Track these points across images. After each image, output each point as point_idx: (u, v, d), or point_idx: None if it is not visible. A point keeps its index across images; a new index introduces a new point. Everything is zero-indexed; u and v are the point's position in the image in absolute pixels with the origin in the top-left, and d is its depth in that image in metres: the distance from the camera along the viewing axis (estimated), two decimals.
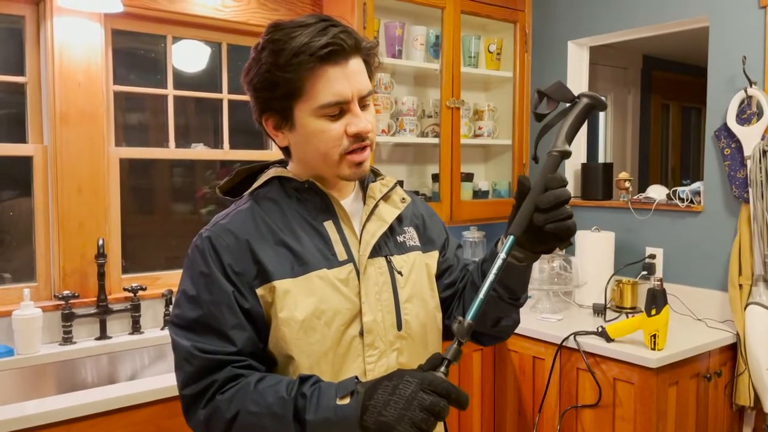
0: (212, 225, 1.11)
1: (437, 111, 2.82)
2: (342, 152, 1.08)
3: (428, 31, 2.80)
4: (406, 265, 1.18)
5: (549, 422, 2.37)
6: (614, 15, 2.83)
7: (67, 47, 2.16)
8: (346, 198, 1.18)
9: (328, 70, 1.05)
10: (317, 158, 1.10)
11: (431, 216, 1.31)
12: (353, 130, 1.07)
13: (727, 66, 2.45)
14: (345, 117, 1.07)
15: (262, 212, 1.11)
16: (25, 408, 1.63)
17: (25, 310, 2.03)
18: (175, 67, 2.51)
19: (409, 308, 1.16)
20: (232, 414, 0.99)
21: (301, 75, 1.04)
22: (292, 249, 1.08)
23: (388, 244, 1.17)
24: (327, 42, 1.03)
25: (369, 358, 1.10)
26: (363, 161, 1.11)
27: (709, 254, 2.54)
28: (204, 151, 2.59)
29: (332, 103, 1.05)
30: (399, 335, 1.14)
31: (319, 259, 1.09)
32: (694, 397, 2.25)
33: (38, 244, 2.20)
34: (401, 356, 1.14)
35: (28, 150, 2.18)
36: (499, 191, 3.15)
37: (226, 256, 1.05)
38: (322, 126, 1.07)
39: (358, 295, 1.10)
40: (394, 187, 1.22)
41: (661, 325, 2.11)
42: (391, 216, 1.18)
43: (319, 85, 1.05)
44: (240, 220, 1.10)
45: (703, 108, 5.14)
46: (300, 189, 1.13)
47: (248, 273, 1.06)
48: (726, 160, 2.44)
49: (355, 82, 1.07)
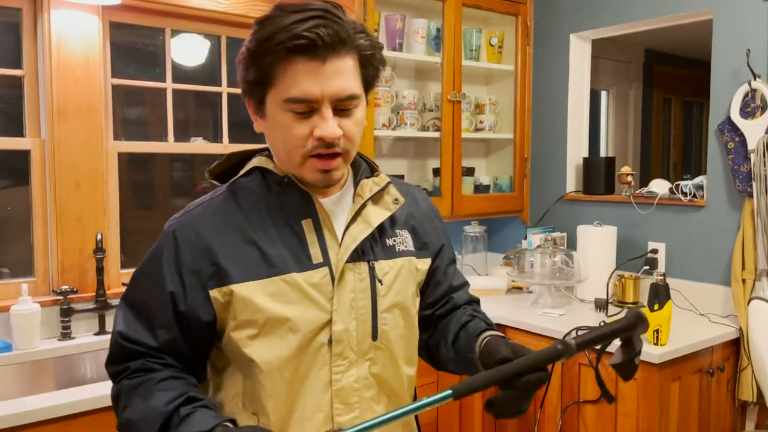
0: (182, 214, 1.09)
1: (438, 105, 2.80)
2: (305, 154, 1.01)
3: (429, 24, 2.78)
4: (392, 271, 1.10)
5: (551, 418, 2.36)
6: (617, 8, 2.80)
7: (65, 40, 2.14)
8: (332, 196, 1.10)
9: (299, 65, 0.97)
10: (283, 154, 1.05)
11: (432, 219, 1.22)
12: (317, 133, 0.99)
13: (730, 59, 2.43)
14: (314, 118, 0.99)
15: (237, 206, 1.06)
16: (24, 404, 1.62)
17: (24, 305, 2.02)
18: (174, 61, 2.49)
19: (389, 318, 1.09)
20: (127, 402, 1.01)
21: (270, 63, 0.98)
22: (261, 249, 1.03)
23: (375, 248, 1.10)
24: (298, 34, 0.95)
25: (336, 368, 1.05)
26: (330, 170, 1.02)
27: (712, 249, 2.52)
28: (203, 145, 2.57)
29: (297, 99, 0.98)
30: (374, 345, 1.08)
31: (289, 261, 1.03)
32: (696, 392, 2.24)
33: (36, 238, 2.18)
34: (374, 366, 1.09)
35: (26, 144, 2.16)
36: (501, 186, 3.13)
37: (185, 253, 1.03)
38: (287, 122, 1.00)
39: (330, 302, 1.04)
40: (386, 186, 1.12)
41: (663, 320, 2.09)
42: (378, 219, 1.09)
43: (287, 78, 0.98)
44: (209, 213, 1.06)
45: (705, 102, 5.13)
46: (280, 183, 1.07)
47: (204, 273, 1.02)
48: (729, 154, 2.42)
49: (329, 83, 0.97)
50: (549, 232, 2.92)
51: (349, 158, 1.06)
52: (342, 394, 1.06)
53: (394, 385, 1.12)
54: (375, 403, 1.09)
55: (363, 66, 1.03)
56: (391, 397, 1.12)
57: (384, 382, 1.10)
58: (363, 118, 1.05)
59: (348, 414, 1.06)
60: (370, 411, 1.08)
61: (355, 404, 1.07)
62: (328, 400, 1.05)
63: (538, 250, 2.71)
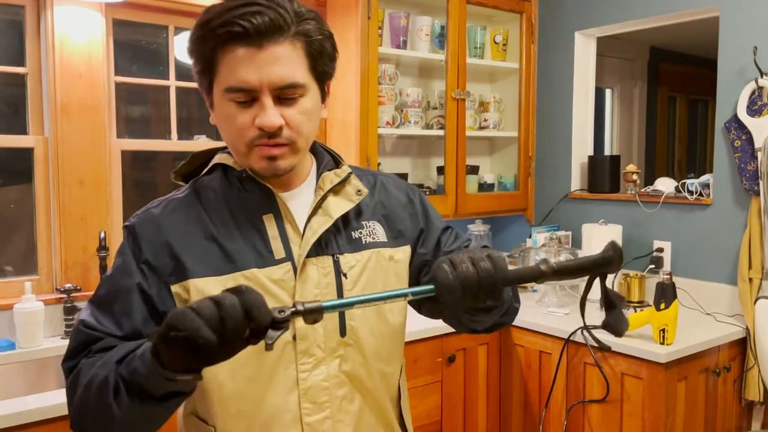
0: (143, 211, 1.06)
1: (442, 102, 2.79)
2: (248, 143, 0.98)
3: (433, 22, 2.76)
4: (358, 265, 1.06)
5: (556, 417, 2.35)
6: (622, 5, 2.79)
7: (68, 38, 2.13)
8: (293, 189, 1.07)
9: (237, 51, 0.94)
10: (230, 145, 1.03)
11: (406, 205, 1.16)
12: (257, 122, 0.96)
13: (737, 56, 2.41)
14: (255, 106, 0.96)
15: (199, 203, 1.04)
16: (27, 402, 1.62)
17: (27, 304, 2.01)
18: (177, 58, 2.48)
19: (356, 313, 1.05)
20: (84, 379, 0.92)
21: (210, 51, 0.96)
22: (221, 246, 1.01)
23: (339, 241, 1.06)
24: (230, 20, 0.93)
25: (302, 366, 1.01)
26: (274, 156, 0.98)
27: (718, 248, 2.50)
28: (206, 143, 2.56)
29: (235, 88, 0.95)
30: (342, 342, 1.04)
31: (249, 257, 1.01)
32: (703, 392, 2.22)
33: (39, 236, 2.18)
34: (345, 364, 1.04)
35: (29, 141, 2.15)
36: (505, 184, 3.12)
37: (145, 248, 1.01)
38: (230, 112, 0.98)
39: (292, 298, 1.01)
40: (347, 177, 1.09)
41: (670, 319, 2.08)
42: (339, 210, 1.06)
43: (226, 66, 0.95)
44: (170, 210, 1.04)
45: (710, 100, 5.11)
46: (241, 179, 1.04)
47: (164, 268, 1.00)
48: (736, 152, 2.41)
49: (266, 71, 0.94)
50: (554, 231, 2.91)
51: (298, 149, 1.01)
52: (310, 393, 1.02)
53: (368, 383, 1.07)
54: (348, 402, 1.05)
55: (310, 55, 0.99)
56: (366, 395, 1.08)
57: (356, 380, 1.06)
58: (312, 108, 1.01)
59: (318, 414, 1.03)
60: (342, 411, 1.04)
61: (325, 404, 1.03)
62: (296, 399, 1.02)
63: (543, 248, 2.70)
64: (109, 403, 0.88)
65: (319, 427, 1.02)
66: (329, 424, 1.03)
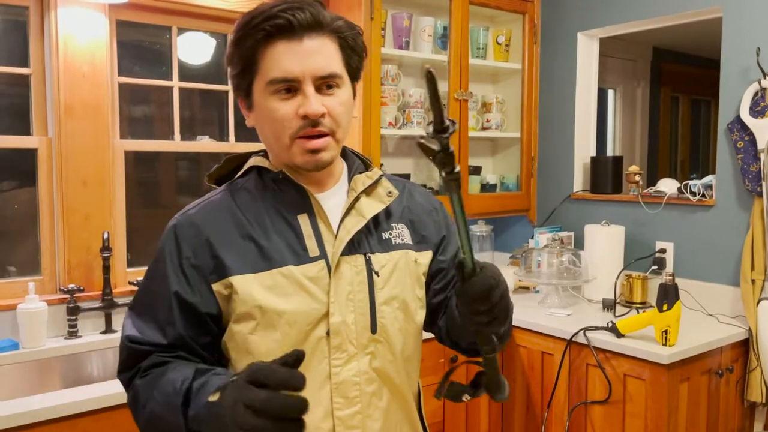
0: (181, 214, 1.10)
1: (445, 103, 2.79)
2: (292, 135, 1.03)
3: (436, 23, 2.77)
4: (389, 264, 1.11)
5: (558, 418, 2.35)
6: (625, 6, 2.79)
7: (72, 38, 2.13)
8: (327, 191, 1.12)
9: (278, 46, 1.01)
10: (272, 141, 1.07)
11: (431, 212, 1.22)
12: (301, 111, 1.01)
13: (740, 57, 2.41)
14: (298, 97, 1.02)
15: (235, 204, 1.08)
16: (31, 402, 1.62)
17: (30, 304, 2.02)
18: (180, 59, 2.49)
19: (387, 311, 1.09)
20: (144, 399, 0.99)
21: (251, 48, 1.02)
22: (258, 244, 1.04)
23: (370, 241, 1.10)
24: (274, 15, 1.00)
25: (335, 361, 1.05)
26: (317, 149, 1.03)
27: (721, 249, 2.50)
28: (209, 143, 2.56)
29: (279, 80, 1.01)
30: (373, 338, 1.08)
31: (286, 255, 1.04)
32: (705, 393, 2.22)
33: (43, 237, 2.18)
34: (375, 361, 1.08)
35: (33, 142, 2.16)
36: (507, 185, 3.12)
37: (185, 249, 1.04)
38: (272, 104, 1.02)
39: (327, 294, 1.05)
40: (379, 179, 1.14)
41: (672, 320, 2.08)
42: (371, 211, 1.11)
43: (268, 61, 1.01)
44: (207, 211, 1.08)
45: (713, 101, 5.11)
46: (276, 180, 1.09)
47: (205, 267, 1.03)
48: (739, 153, 2.41)
49: (308, 61, 1.00)
50: (556, 232, 2.91)
51: (337, 140, 1.06)
52: (341, 387, 1.05)
53: (395, 380, 1.11)
54: (377, 398, 1.08)
55: (343, 49, 1.06)
56: (394, 392, 1.11)
57: (385, 377, 1.10)
58: (348, 101, 1.07)
59: (349, 408, 1.05)
60: (371, 406, 1.07)
61: (356, 399, 1.06)
62: (328, 394, 1.05)
63: (545, 249, 2.70)
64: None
65: (350, 422, 1.06)
66: (359, 419, 1.06)
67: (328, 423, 1.04)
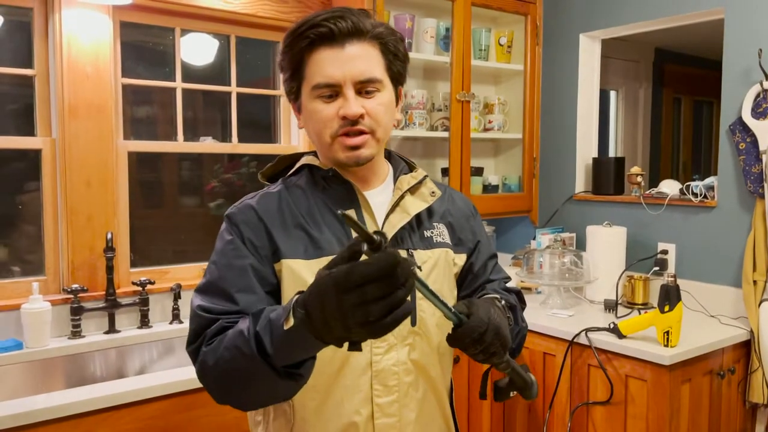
0: (240, 203, 1.16)
1: (447, 104, 2.79)
2: (332, 134, 1.10)
3: (438, 24, 2.77)
4: (430, 261, 1.16)
5: (560, 419, 2.35)
6: (627, 7, 2.79)
7: (76, 39, 2.14)
8: (374, 189, 1.19)
9: (321, 53, 1.08)
10: (316, 140, 1.14)
11: (469, 217, 1.28)
12: (341, 112, 1.08)
13: (742, 58, 2.41)
14: (339, 100, 1.09)
15: (289, 198, 1.15)
16: (34, 402, 1.63)
17: (34, 304, 2.03)
18: (184, 60, 2.50)
19: (426, 306, 1.14)
20: (212, 362, 0.98)
21: (298, 55, 1.10)
22: (309, 234, 1.11)
23: (413, 237, 1.17)
24: (318, 23, 1.07)
25: (376, 350, 1.10)
26: (357, 145, 1.10)
27: (722, 250, 2.50)
28: (212, 144, 2.57)
29: (322, 84, 1.08)
30: (413, 331, 1.13)
31: (335, 245, 1.10)
32: (707, 394, 2.22)
33: (47, 237, 2.19)
34: (413, 352, 1.13)
35: (37, 143, 2.17)
36: (509, 186, 3.12)
37: (246, 231, 1.10)
38: (316, 107, 1.10)
39: None
40: (423, 179, 1.21)
41: (674, 321, 2.08)
42: (415, 209, 1.17)
43: (313, 67, 1.09)
44: (265, 201, 1.15)
45: (715, 102, 5.11)
46: (326, 177, 1.16)
47: (265, 248, 1.10)
48: (741, 155, 2.41)
49: (349, 66, 1.07)
50: (558, 233, 2.91)
51: (378, 138, 1.12)
52: (381, 375, 1.10)
53: (432, 372, 1.16)
54: (414, 389, 1.13)
55: (385, 55, 1.12)
56: (429, 384, 1.16)
57: (422, 369, 1.14)
58: (389, 103, 1.13)
59: (387, 396, 1.11)
60: (408, 396, 1.12)
61: (394, 387, 1.11)
62: (368, 380, 1.10)
63: (547, 250, 2.70)
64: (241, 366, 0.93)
65: (388, 409, 1.11)
66: (396, 407, 1.11)
67: (367, 409, 1.10)
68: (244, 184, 2.67)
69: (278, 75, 2.73)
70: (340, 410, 1.09)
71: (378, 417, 1.10)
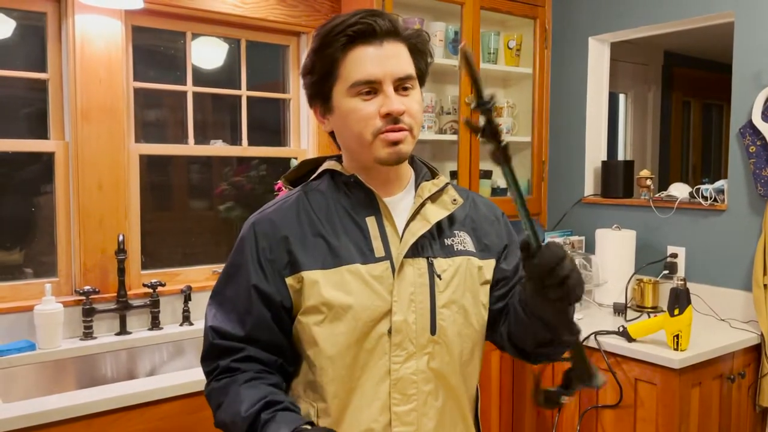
0: (259, 212, 1.17)
1: (456, 108, 2.80)
2: (375, 132, 1.08)
3: (447, 27, 2.78)
4: (450, 269, 1.15)
5: (569, 422, 2.35)
6: (636, 11, 2.79)
7: (89, 44, 2.17)
8: (395, 195, 1.17)
9: (360, 50, 1.08)
10: (354, 140, 1.12)
11: (493, 222, 1.25)
12: (384, 110, 1.07)
13: (752, 62, 2.41)
14: (379, 98, 1.08)
15: (308, 204, 1.15)
16: (46, 402, 1.64)
17: (47, 305, 2.05)
18: (194, 64, 2.51)
19: (446, 314, 1.13)
20: (217, 403, 1.09)
21: (334, 55, 1.08)
22: (328, 242, 1.11)
23: (433, 246, 1.15)
24: (356, 21, 1.07)
25: (395, 358, 1.10)
26: (399, 140, 1.09)
27: (732, 253, 2.49)
28: (223, 147, 2.59)
29: (362, 81, 1.07)
30: (432, 339, 1.12)
31: (353, 253, 1.10)
32: (717, 398, 2.21)
33: (59, 239, 2.21)
34: (433, 361, 1.12)
35: (50, 146, 2.19)
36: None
37: (262, 242, 1.11)
38: (355, 105, 1.09)
39: (390, 293, 1.09)
40: (445, 187, 1.19)
41: (684, 325, 2.08)
42: (436, 216, 1.15)
43: (351, 65, 1.08)
44: (283, 210, 1.15)
45: (725, 105, 5.08)
46: (347, 183, 1.15)
47: (280, 261, 1.10)
48: (751, 158, 2.40)
49: (388, 64, 1.08)
50: (567, 236, 2.91)
51: (414, 136, 1.12)
52: (400, 384, 1.10)
53: (452, 381, 1.15)
54: (433, 398, 1.12)
55: (413, 54, 1.12)
56: (449, 393, 1.15)
57: (442, 378, 1.13)
58: (421, 101, 1.14)
59: (405, 405, 1.10)
60: (427, 405, 1.12)
61: (413, 396, 1.11)
62: (386, 389, 1.10)
63: None
64: None
65: (406, 418, 1.10)
66: (414, 416, 1.11)
67: (385, 417, 1.10)
68: (253, 187, 2.68)
69: (288, 78, 2.75)
70: (358, 417, 1.09)
71: (396, 425, 1.10)
